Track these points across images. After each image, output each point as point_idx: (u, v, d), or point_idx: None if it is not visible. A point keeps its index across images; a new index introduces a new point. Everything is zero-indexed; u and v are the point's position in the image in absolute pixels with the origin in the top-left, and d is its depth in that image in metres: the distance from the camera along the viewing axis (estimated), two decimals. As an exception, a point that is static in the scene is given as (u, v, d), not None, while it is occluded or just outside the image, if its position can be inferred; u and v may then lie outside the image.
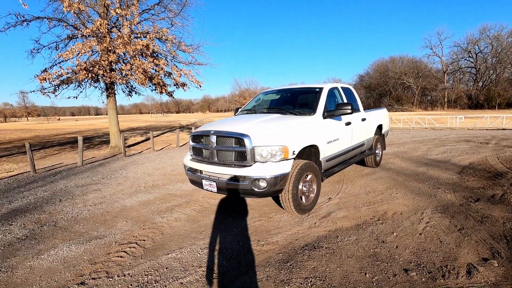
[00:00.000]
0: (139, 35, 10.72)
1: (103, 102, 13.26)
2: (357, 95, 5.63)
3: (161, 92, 12.53)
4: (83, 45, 9.84)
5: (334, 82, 79.50)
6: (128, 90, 13.96)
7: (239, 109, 5.38)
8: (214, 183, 3.59)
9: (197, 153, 3.99)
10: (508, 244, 2.80)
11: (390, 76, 63.65)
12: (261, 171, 3.29)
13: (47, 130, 28.83)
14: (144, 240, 3.23)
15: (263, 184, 3.30)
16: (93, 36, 10.01)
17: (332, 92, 4.86)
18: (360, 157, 5.61)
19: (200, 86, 12.82)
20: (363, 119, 5.41)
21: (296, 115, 4.16)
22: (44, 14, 11.73)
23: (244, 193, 3.41)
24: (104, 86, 12.46)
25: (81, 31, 10.13)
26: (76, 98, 13.05)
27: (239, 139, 3.43)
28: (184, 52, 12.00)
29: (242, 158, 3.44)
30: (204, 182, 3.72)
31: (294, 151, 3.48)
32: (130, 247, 3.07)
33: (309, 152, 4.04)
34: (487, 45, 56.73)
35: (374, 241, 2.98)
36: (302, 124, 3.80)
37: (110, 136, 12.65)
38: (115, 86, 12.84)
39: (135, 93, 14.26)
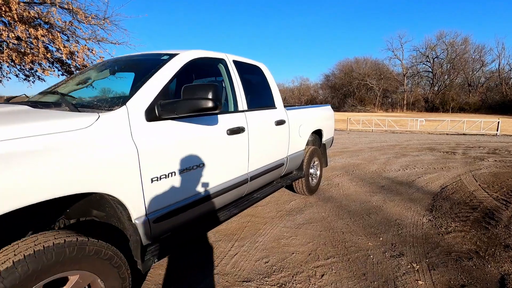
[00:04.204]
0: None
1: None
2: (274, 83, 3.31)
3: (62, 75, 9.51)
4: None
5: (306, 79, 78.13)
6: (23, 72, 10.62)
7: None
8: None
9: None
10: None
11: (354, 77, 64.15)
12: None
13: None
14: None
15: None
16: None
17: (204, 67, 2.48)
18: (278, 185, 3.31)
19: (113, 71, 9.96)
20: (280, 122, 3.09)
21: (75, 111, 1.66)
22: None
23: None
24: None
25: None
26: None
27: None
28: (83, 23, 9.01)
29: None
30: None
31: None
32: None
33: (109, 206, 1.61)
34: (443, 51, 59.27)
35: None
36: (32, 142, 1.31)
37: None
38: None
39: (38, 78, 10.97)
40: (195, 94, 1.73)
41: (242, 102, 2.59)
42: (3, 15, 7.11)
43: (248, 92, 2.77)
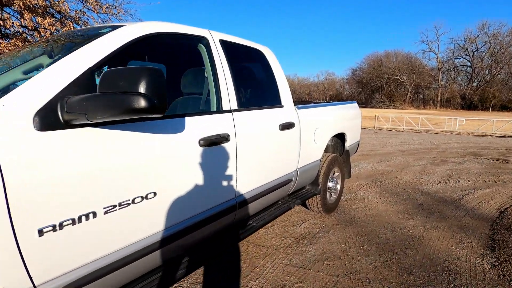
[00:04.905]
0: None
1: None
2: (281, 73, 2.51)
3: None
4: None
5: (331, 74, 75.97)
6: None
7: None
8: None
9: None
10: None
11: (383, 72, 60.83)
12: None
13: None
14: None
15: None
16: None
17: (174, 49, 1.77)
18: (284, 208, 2.55)
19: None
20: (287, 126, 2.30)
21: None
22: None
23: None
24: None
25: None
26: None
27: None
28: (93, 11, 8.62)
29: None
30: None
31: None
32: None
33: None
34: (484, 44, 54.34)
35: None
36: None
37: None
38: None
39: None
40: (118, 85, 1.01)
41: (229, 99, 1.84)
42: (8, 3, 6.84)
43: (242, 85, 2.03)
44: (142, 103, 0.97)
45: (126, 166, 1.22)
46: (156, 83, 1.01)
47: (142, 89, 0.98)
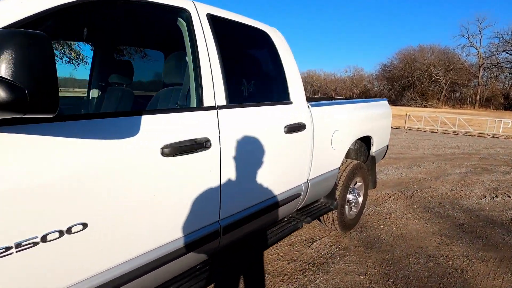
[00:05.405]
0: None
1: None
2: (291, 60, 2.00)
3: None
4: None
5: (360, 69, 73.40)
6: (66, 55, 10.76)
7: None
8: None
9: None
10: None
11: (416, 67, 57.17)
12: None
13: None
14: None
15: None
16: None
17: (137, 24, 1.36)
18: (290, 228, 2.08)
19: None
20: (295, 128, 1.82)
21: None
22: None
23: None
24: None
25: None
26: None
27: None
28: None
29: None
30: None
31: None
32: None
33: None
34: (535, 37, 49.13)
35: None
36: None
37: None
38: None
39: (82, 61, 11.09)
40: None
41: (214, 92, 1.40)
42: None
43: (235, 74, 1.58)
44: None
45: (30, 187, 0.82)
46: (31, 61, 0.58)
47: (2, 70, 0.56)
